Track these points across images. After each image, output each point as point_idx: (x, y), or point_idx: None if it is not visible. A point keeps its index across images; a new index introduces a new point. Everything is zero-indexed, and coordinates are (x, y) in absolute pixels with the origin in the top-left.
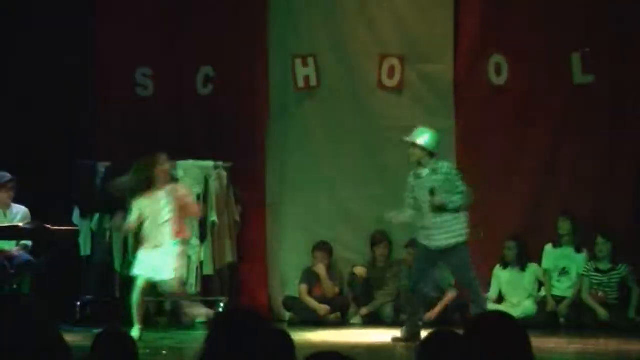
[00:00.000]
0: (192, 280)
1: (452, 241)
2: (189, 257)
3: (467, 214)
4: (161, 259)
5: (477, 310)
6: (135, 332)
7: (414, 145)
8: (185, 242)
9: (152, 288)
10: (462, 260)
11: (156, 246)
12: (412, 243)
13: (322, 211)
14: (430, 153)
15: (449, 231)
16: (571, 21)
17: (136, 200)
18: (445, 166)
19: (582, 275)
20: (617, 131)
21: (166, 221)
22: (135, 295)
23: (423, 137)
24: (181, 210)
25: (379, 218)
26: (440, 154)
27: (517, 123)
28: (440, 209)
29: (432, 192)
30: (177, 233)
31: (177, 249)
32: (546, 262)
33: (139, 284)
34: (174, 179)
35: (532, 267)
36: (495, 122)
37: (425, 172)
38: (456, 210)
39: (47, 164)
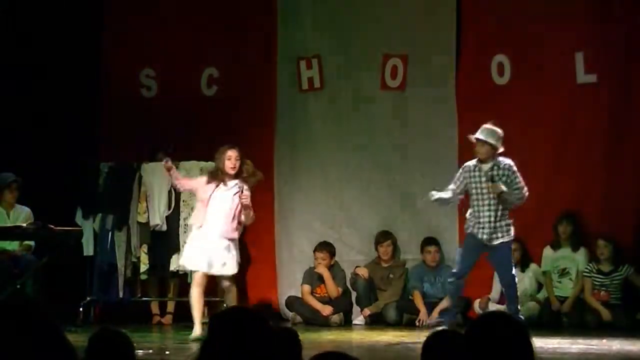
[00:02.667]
0: None
1: (500, 238)
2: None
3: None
4: (220, 253)
5: (509, 311)
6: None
7: (485, 142)
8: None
9: (158, 286)
10: (506, 258)
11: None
12: (429, 241)
13: (327, 212)
14: (496, 150)
15: (498, 227)
16: (574, 21)
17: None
18: (507, 162)
19: (584, 276)
20: (620, 131)
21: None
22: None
23: (492, 136)
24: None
25: (384, 218)
26: (444, 154)
27: (520, 123)
28: (499, 197)
29: (492, 179)
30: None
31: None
32: (545, 264)
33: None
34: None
35: (532, 267)
36: (498, 122)
37: (486, 167)
38: (512, 204)
39: (51, 164)
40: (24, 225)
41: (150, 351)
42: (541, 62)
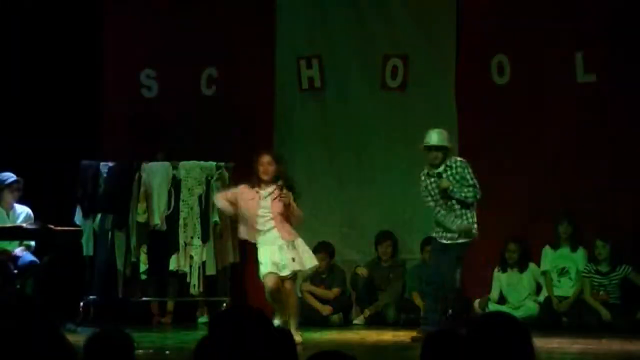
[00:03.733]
0: (195, 280)
1: (456, 238)
2: (192, 257)
3: (475, 213)
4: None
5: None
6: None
7: (436, 147)
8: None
9: (158, 286)
10: (452, 258)
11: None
12: (429, 241)
13: (327, 211)
14: (446, 151)
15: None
16: (573, 20)
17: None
18: (458, 161)
19: (583, 276)
20: (620, 130)
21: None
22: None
23: (440, 138)
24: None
25: (383, 218)
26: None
27: (520, 123)
28: (447, 194)
29: (440, 175)
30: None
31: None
32: (544, 264)
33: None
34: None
35: (532, 267)
36: (497, 122)
37: (440, 168)
38: (465, 204)
39: (51, 164)
40: (24, 225)
41: (150, 351)
42: (541, 61)
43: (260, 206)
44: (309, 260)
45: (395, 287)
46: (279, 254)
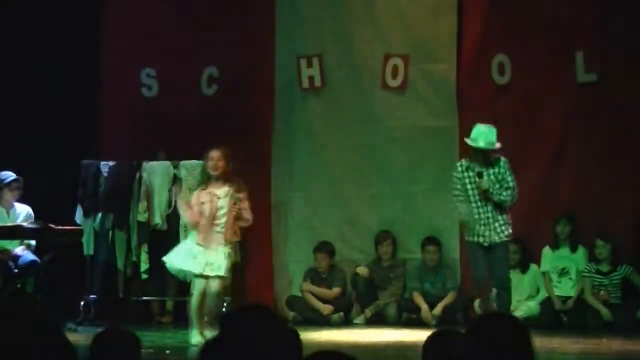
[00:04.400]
0: None
1: (497, 238)
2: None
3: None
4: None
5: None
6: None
7: (483, 151)
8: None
9: (158, 285)
10: (502, 258)
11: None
12: (429, 241)
13: (327, 211)
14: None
15: (493, 227)
16: (574, 20)
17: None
18: (502, 160)
19: (584, 276)
20: (620, 130)
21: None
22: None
23: (495, 138)
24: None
25: (384, 218)
26: (445, 154)
27: (521, 123)
28: (485, 195)
29: (480, 175)
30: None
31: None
32: (544, 264)
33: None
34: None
35: (533, 268)
36: (498, 122)
37: (479, 166)
38: (503, 205)
39: (51, 163)
40: (25, 224)
41: (151, 351)
42: (542, 61)
43: (210, 204)
44: (222, 270)
45: (395, 287)
46: (204, 254)
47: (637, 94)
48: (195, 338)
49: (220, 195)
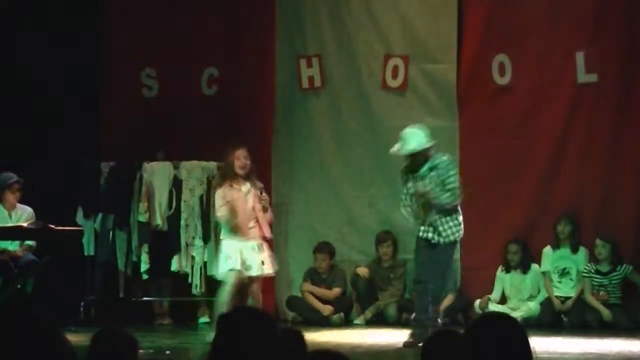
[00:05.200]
0: (197, 281)
1: (443, 237)
2: (193, 258)
3: (459, 215)
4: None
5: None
6: None
7: (412, 155)
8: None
9: (159, 286)
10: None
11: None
12: None
13: (328, 211)
14: (426, 152)
15: (438, 232)
16: (574, 20)
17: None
18: (444, 161)
19: (584, 276)
20: (620, 130)
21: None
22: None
23: (417, 141)
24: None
25: (384, 218)
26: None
27: (521, 123)
28: (423, 197)
29: (420, 178)
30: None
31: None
32: (545, 264)
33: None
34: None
35: (534, 268)
36: (498, 122)
37: (423, 170)
38: (442, 208)
39: (51, 163)
40: (25, 225)
41: (151, 351)
42: (542, 61)
43: (242, 201)
44: (273, 267)
45: (396, 287)
46: (251, 253)
47: (637, 95)
48: None
49: (246, 192)
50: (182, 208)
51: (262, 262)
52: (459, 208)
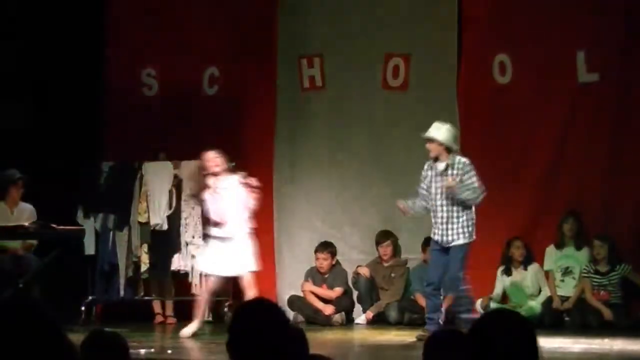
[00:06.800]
0: (197, 280)
1: (456, 240)
2: (193, 256)
3: (474, 216)
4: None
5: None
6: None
7: (431, 140)
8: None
9: (160, 285)
10: (454, 260)
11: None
12: (429, 241)
13: (329, 211)
14: (447, 148)
15: (451, 228)
16: (575, 19)
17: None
18: (463, 160)
19: (583, 276)
20: (621, 130)
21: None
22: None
23: (439, 132)
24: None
25: (385, 218)
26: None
27: (522, 122)
28: (450, 196)
29: (443, 173)
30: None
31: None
32: (548, 263)
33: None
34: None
35: (535, 267)
36: (499, 122)
37: (441, 166)
38: (465, 206)
39: (52, 163)
40: (27, 224)
41: (152, 350)
42: (543, 61)
43: (215, 200)
44: (252, 265)
45: (397, 287)
46: (226, 253)
47: (638, 94)
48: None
49: (224, 188)
50: (182, 207)
51: (238, 262)
52: (474, 210)
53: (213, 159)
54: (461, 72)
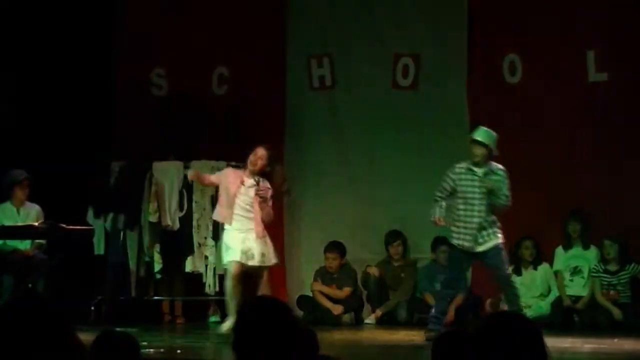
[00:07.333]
0: (210, 280)
1: (489, 242)
2: (206, 257)
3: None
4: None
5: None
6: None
7: (481, 144)
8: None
9: (171, 286)
10: (499, 260)
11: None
12: (441, 241)
13: (338, 211)
14: (490, 153)
15: (485, 234)
16: (585, 19)
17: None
18: (501, 168)
19: (592, 276)
20: (631, 130)
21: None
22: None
23: (489, 137)
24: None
25: (395, 217)
26: (456, 154)
27: (531, 122)
28: (490, 193)
29: (484, 179)
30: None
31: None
32: (557, 263)
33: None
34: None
35: (545, 267)
36: (509, 121)
37: (480, 171)
38: (496, 210)
39: (62, 163)
40: (36, 224)
41: (162, 350)
42: (553, 60)
43: (241, 193)
44: (274, 258)
45: (406, 287)
46: (250, 243)
47: None
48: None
49: (248, 186)
50: (194, 209)
51: (263, 254)
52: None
53: (262, 156)
54: (471, 72)
